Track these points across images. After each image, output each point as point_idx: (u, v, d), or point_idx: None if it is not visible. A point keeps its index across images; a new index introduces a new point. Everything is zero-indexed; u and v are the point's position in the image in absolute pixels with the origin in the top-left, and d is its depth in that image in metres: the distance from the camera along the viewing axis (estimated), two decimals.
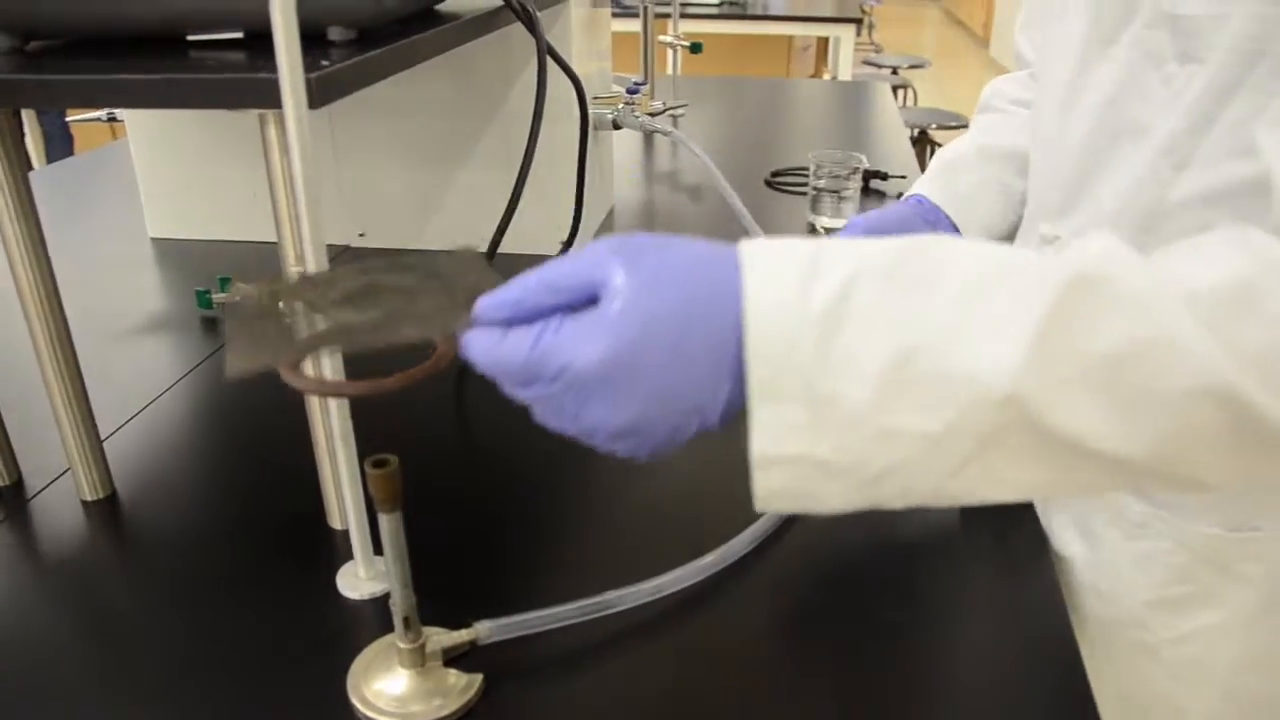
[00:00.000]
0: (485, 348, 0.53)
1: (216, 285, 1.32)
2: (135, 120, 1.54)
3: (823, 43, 5.84)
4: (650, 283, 0.52)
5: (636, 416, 0.52)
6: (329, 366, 0.74)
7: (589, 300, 0.52)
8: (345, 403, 0.76)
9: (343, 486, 0.78)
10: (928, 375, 0.51)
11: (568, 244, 1.25)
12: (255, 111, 0.69)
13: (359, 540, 0.79)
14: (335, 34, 0.81)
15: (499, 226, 1.04)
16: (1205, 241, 0.56)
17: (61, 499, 0.92)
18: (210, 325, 1.29)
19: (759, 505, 0.55)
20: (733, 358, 0.51)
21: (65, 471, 0.93)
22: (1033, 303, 0.50)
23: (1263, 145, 0.61)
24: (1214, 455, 0.53)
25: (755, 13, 4.44)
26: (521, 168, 1.04)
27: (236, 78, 0.69)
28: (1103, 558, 0.87)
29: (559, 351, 0.51)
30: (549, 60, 1.08)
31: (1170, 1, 0.72)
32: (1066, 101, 0.83)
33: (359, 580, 0.79)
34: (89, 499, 0.92)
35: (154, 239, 1.59)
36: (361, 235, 1.53)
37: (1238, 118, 0.69)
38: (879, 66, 6.26)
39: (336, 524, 0.86)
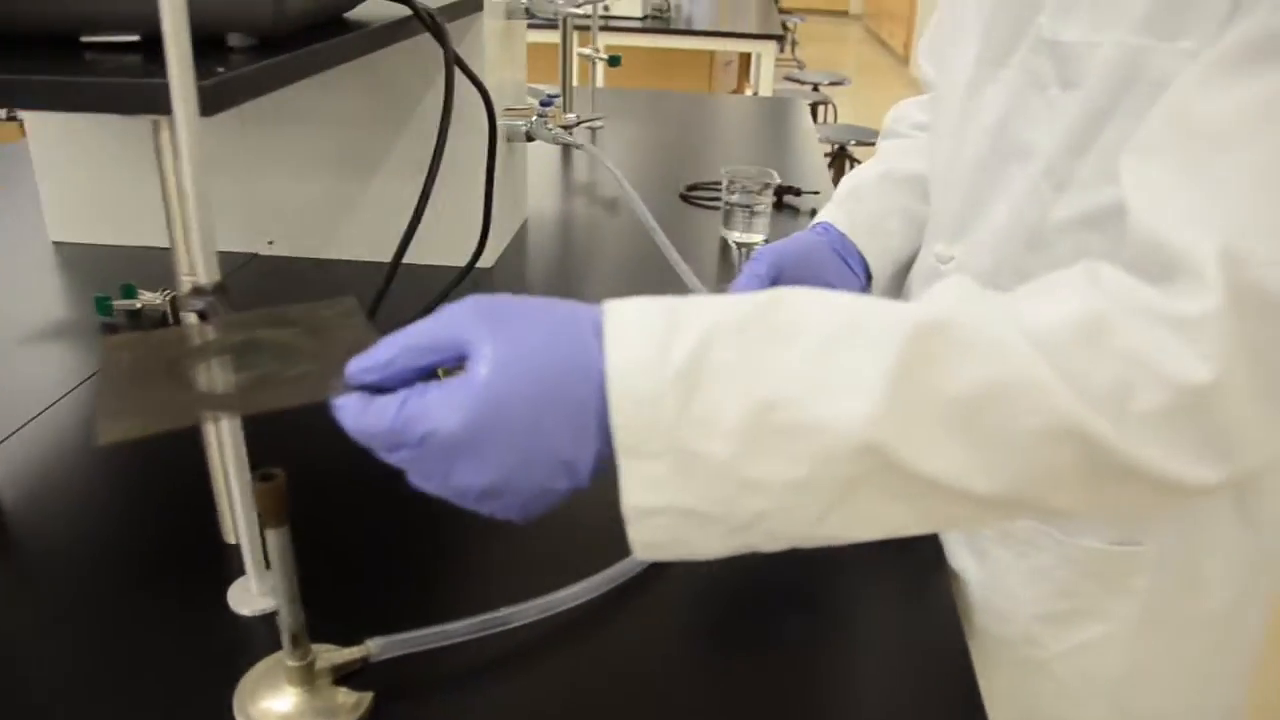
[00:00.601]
0: (352, 414, 0.54)
1: (119, 292, 1.29)
2: (36, 120, 1.51)
3: (745, 58, 5.89)
4: (513, 349, 0.53)
5: (502, 477, 0.53)
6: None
7: (457, 359, 0.54)
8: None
9: (234, 500, 0.76)
10: (787, 426, 0.52)
11: (476, 255, 1.25)
12: (149, 117, 0.68)
13: (250, 554, 0.77)
14: (235, 40, 0.80)
15: (403, 238, 1.03)
16: (1057, 278, 0.59)
17: None
18: (110, 333, 1.26)
19: (638, 556, 0.57)
20: (598, 418, 0.53)
21: None
22: (885, 350, 0.53)
23: (1121, 170, 0.63)
24: (1071, 488, 0.56)
25: (678, 27, 4.47)
26: (427, 178, 1.03)
27: (126, 82, 0.68)
28: (993, 574, 0.89)
29: (423, 418, 0.52)
30: (458, 71, 1.07)
31: (1050, 28, 0.75)
32: (960, 124, 0.85)
33: (250, 596, 0.78)
34: None
35: (56, 243, 1.55)
36: (270, 244, 1.51)
37: (1111, 142, 0.71)
38: (800, 83, 6.33)
39: (231, 538, 0.84)
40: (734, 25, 4.69)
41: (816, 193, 1.84)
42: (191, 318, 0.67)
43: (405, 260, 1.10)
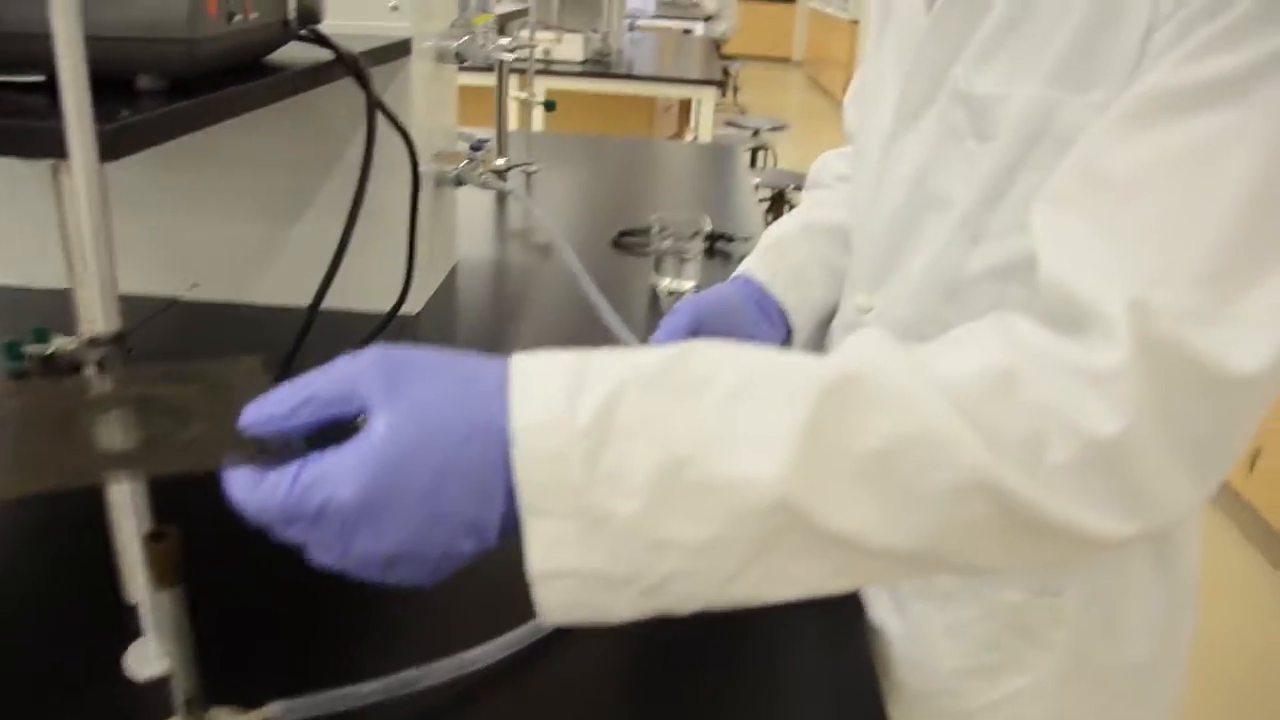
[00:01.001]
0: (243, 488, 0.51)
1: (31, 336, 1.25)
2: None
3: (686, 103, 5.94)
4: (412, 407, 0.51)
5: (405, 543, 0.51)
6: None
7: (356, 412, 0.52)
8: None
9: (131, 557, 0.74)
10: (697, 484, 0.51)
11: (399, 302, 1.23)
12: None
13: (149, 615, 0.74)
14: (144, 83, 0.78)
15: (321, 284, 1.01)
16: (970, 331, 0.59)
17: None
18: (21, 379, 1.22)
19: (546, 619, 0.55)
20: (503, 478, 0.51)
21: None
22: (797, 405, 0.52)
23: (1032, 222, 0.64)
24: (985, 543, 0.55)
25: (618, 72, 4.49)
26: (346, 224, 1.02)
27: (20, 124, 0.66)
28: (915, 629, 0.88)
29: (319, 486, 0.50)
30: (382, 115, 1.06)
31: (965, 81, 0.76)
32: (879, 174, 0.85)
33: (149, 658, 0.75)
34: None
35: None
36: (194, 287, 1.48)
37: (1022, 194, 0.71)
38: (740, 128, 6.39)
39: (133, 598, 0.81)
40: (676, 71, 4.73)
41: (749, 238, 1.85)
42: (90, 369, 0.65)
43: (329, 306, 1.08)
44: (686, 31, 8.92)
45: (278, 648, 0.79)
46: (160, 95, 0.78)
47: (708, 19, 10.07)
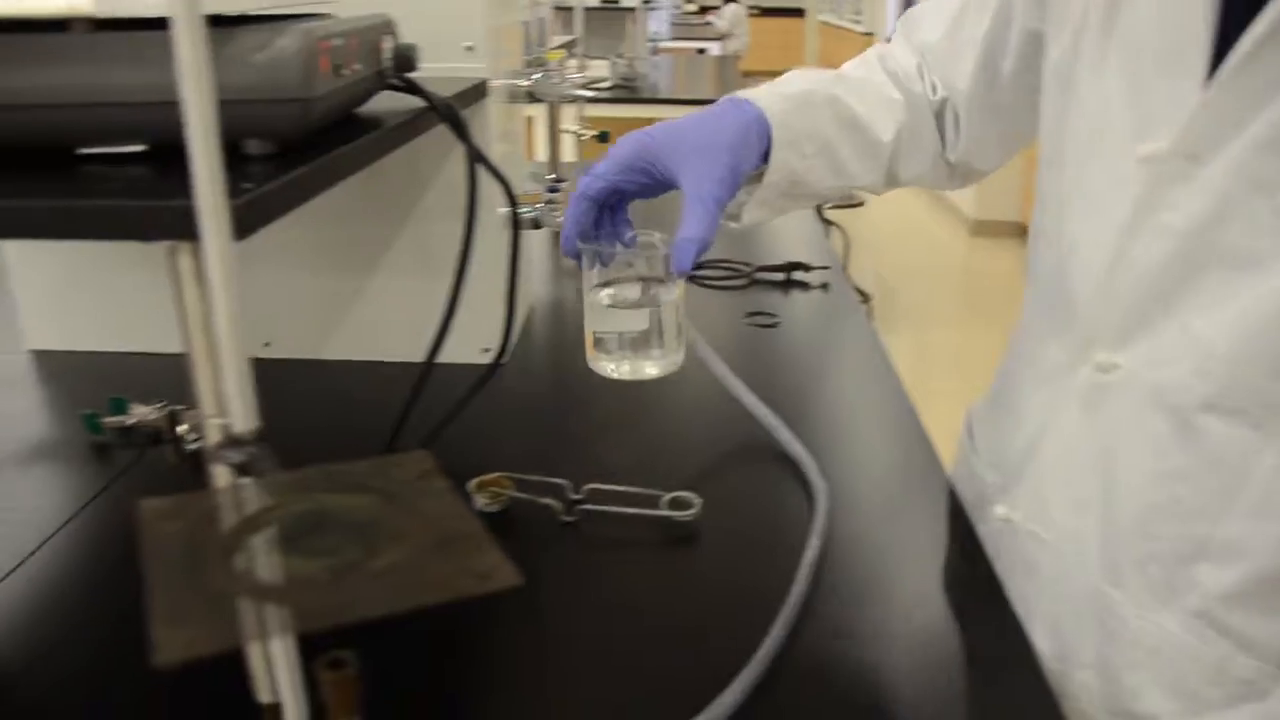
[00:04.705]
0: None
1: (107, 406, 1.20)
2: None
3: None
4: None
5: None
6: None
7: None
8: None
9: (272, 655, 0.67)
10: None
11: (500, 354, 1.16)
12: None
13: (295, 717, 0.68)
14: (254, 147, 0.72)
15: (435, 339, 0.95)
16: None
17: None
18: (101, 453, 1.17)
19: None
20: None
21: None
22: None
23: None
24: None
25: (645, 95, 4.44)
26: (455, 279, 0.96)
27: (143, 205, 0.60)
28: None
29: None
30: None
31: None
32: (1133, 222, 0.77)
33: None
34: None
35: (33, 351, 1.45)
36: (267, 345, 1.42)
37: None
38: None
39: (265, 696, 0.75)
40: (699, 91, 4.68)
41: (826, 267, 1.78)
42: (223, 472, 0.58)
43: (408, 359, 1.02)
44: (701, 51, 8.90)
45: None
46: (268, 161, 0.72)
47: (721, 38, 10.06)
